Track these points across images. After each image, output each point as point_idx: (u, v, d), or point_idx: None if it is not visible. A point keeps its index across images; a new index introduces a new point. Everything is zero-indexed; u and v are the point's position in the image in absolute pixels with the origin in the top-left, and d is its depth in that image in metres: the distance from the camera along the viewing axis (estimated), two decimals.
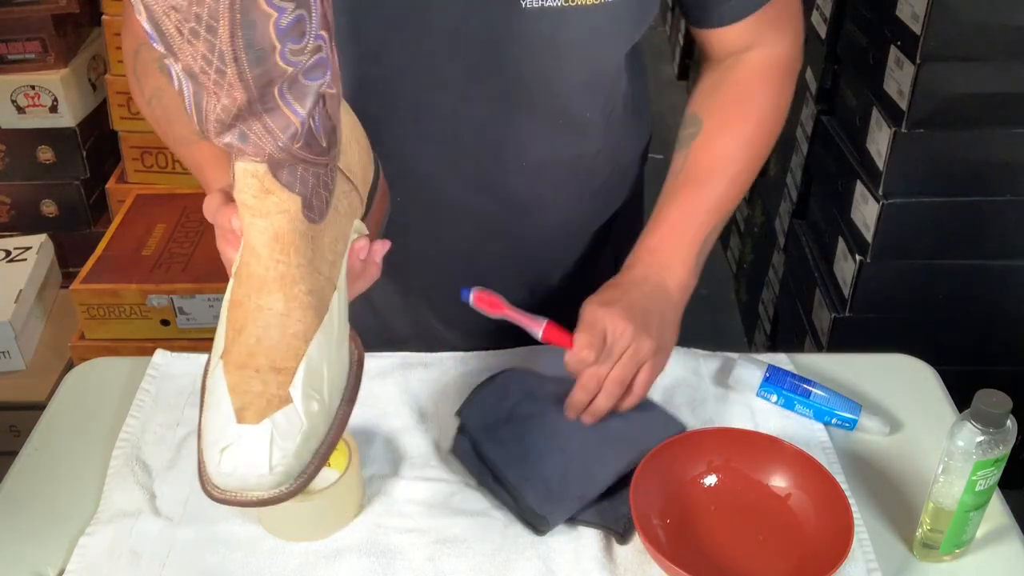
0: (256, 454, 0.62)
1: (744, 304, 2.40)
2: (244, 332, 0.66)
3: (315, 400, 0.65)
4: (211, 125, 0.59)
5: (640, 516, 0.76)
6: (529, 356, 0.96)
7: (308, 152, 0.63)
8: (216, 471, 0.63)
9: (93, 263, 1.80)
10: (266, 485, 0.63)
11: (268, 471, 0.62)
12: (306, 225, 0.66)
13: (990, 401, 0.71)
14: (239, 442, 0.63)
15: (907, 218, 1.54)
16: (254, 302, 0.66)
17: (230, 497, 0.63)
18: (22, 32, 1.92)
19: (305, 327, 0.66)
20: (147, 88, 0.88)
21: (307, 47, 0.58)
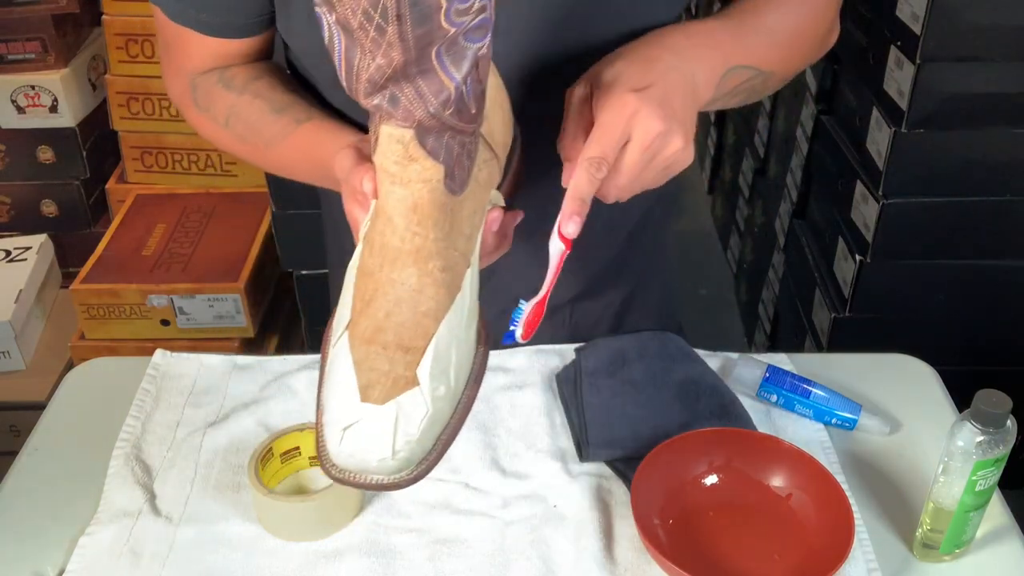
0: (379, 437, 0.60)
1: (744, 304, 2.40)
2: (373, 305, 0.63)
3: (442, 384, 0.62)
4: (361, 85, 0.56)
5: (640, 516, 0.76)
6: (530, 356, 0.97)
7: (458, 119, 0.60)
8: (336, 450, 0.61)
9: (93, 263, 1.80)
10: (387, 470, 0.61)
11: (391, 456, 0.60)
12: (446, 196, 0.62)
13: (990, 401, 0.71)
14: (362, 423, 0.60)
15: (907, 218, 1.54)
16: (386, 274, 0.63)
17: (349, 478, 0.61)
18: (22, 32, 1.92)
19: (437, 305, 0.63)
20: (219, 112, 0.86)
21: (472, 6, 0.54)
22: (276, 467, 0.82)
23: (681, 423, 0.86)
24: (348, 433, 0.61)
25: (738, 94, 0.82)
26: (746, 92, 0.83)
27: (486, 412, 0.91)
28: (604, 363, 0.92)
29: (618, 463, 0.84)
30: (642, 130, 0.68)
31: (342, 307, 0.65)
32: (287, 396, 0.92)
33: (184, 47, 0.86)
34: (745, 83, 0.81)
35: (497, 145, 0.70)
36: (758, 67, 0.81)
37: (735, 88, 0.80)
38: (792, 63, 0.87)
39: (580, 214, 0.68)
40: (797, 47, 0.86)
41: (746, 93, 0.83)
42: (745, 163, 2.46)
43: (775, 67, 0.83)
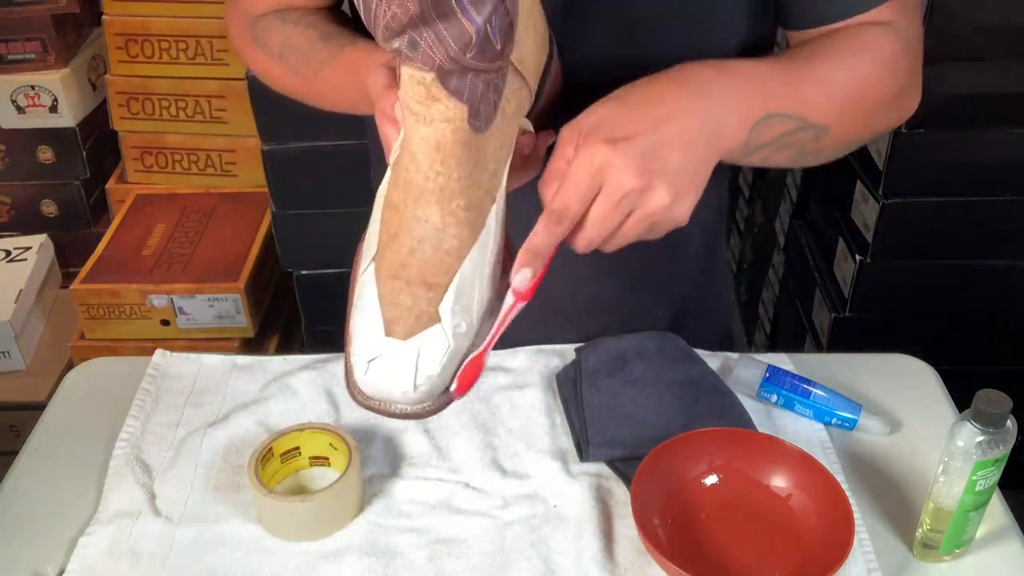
0: (402, 371, 0.63)
1: (744, 304, 2.40)
2: (397, 240, 0.64)
3: (463, 320, 0.64)
4: (379, 31, 0.57)
5: (640, 516, 0.76)
6: (530, 356, 0.97)
7: (480, 60, 0.58)
8: (362, 379, 0.64)
9: (93, 263, 1.80)
10: (409, 400, 0.64)
11: (412, 388, 0.63)
12: (470, 135, 0.62)
13: (990, 401, 0.71)
14: (386, 356, 0.63)
15: (907, 218, 1.54)
16: (410, 211, 0.63)
17: (375, 405, 0.65)
18: (22, 32, 1.92)
19: (460, 244, 0.64)
20: (274, 46, 0.87)
21: None
22: (276, 467, 0.82)
23: (681, 423, 0.86)
24: (373, 365, 0.63)
25: (783, 148, 0.73)
26: (795, 149, 0.74)
27: (486, 412, 0.91)
28: (604, 363, 0.92)
29: (618, 463, 0.84)
30: (612, 185, 0.64)
31: (370, 235, 0.66)
32: (287, 396, 0.92)
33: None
34: (790, 135, 0.72)
35: (528, 71, 0.67)
36: (805, 117, 0.72)
37: (777, 139, 0.72)
38: (853, 122, 0.77)
39: (532, 266, 0.65)
40: (858, 104, 0.76)
41: (795, 149, 0.74)
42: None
43: (829, 121, 0.74)
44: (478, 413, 0.91)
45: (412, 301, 0.63)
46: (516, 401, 0.92)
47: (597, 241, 0.67)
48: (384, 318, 0.63)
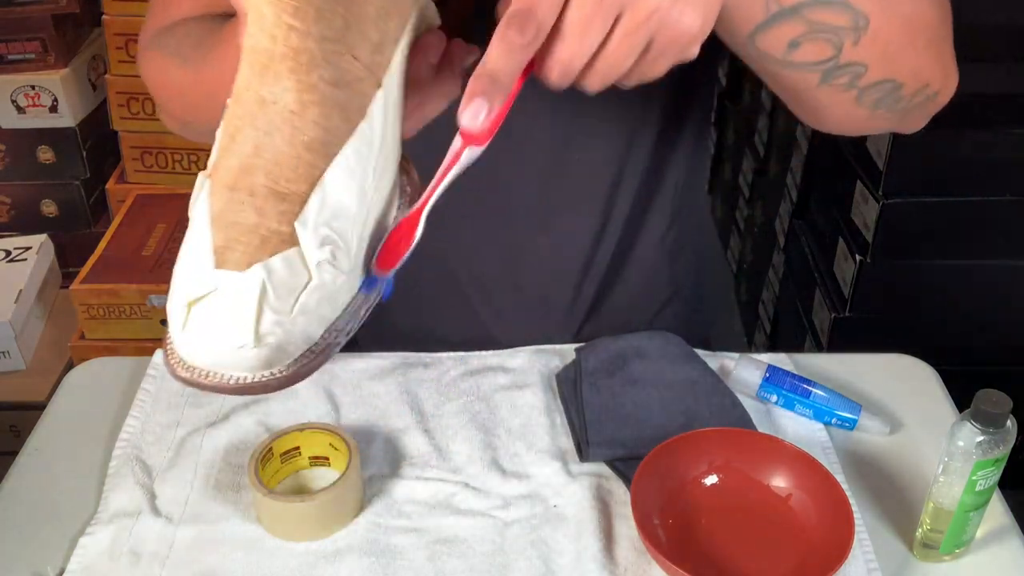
0: (237, 315, 0.45)
1: (744, 304, 2.40)
2: (238, 138, 0.48)
3: (335, 247, 0.48)
4: None
5: (640, 516, 0.76)
6: (530, 356, 0.97)
7: None
8: (180, 338, 0.47)
9: (93, 263, 1.80)
10: (247, 363, 0.46)
11: (252, 341, 0.46)
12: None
13: (990, 401, 0.71)
14: (214, 295, 0.46)
15: (907, 218, 1.54)
16: (254, 92, 0.47)
17: (196, 379, 0.47)
18: (22, 32, 1.92)
19: (326, 134, 0.47)
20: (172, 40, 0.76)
21: None
22: (276, 467, 0.82)
23: (681, 423, 0.86)
24: (195, 311, 0.46)
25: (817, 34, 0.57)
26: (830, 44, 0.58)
27: (486, 412, 0.91)
28: (604, 363, 0.92)
29: (618, 463, 0.84)
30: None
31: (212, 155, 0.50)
32: (287, 396, 0.92)
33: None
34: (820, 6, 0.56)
35: None
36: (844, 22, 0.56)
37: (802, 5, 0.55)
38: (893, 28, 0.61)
39: (487, 96, 0.48)
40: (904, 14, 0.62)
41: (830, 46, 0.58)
42: (745, 163, 2.46)
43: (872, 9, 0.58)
44: (478, 413, 0.91)
45: (257, 218, 0.47)
46: (516, 401, 0.92)
47: (576, 63, 0.49)
48: (215, 245, 0.47)
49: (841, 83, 0.62)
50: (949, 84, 0.71)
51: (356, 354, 0.97)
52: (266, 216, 0.47)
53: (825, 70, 0.60)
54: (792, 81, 0.62)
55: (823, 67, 0.60)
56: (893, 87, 0.65)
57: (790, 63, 0.59)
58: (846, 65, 0.60)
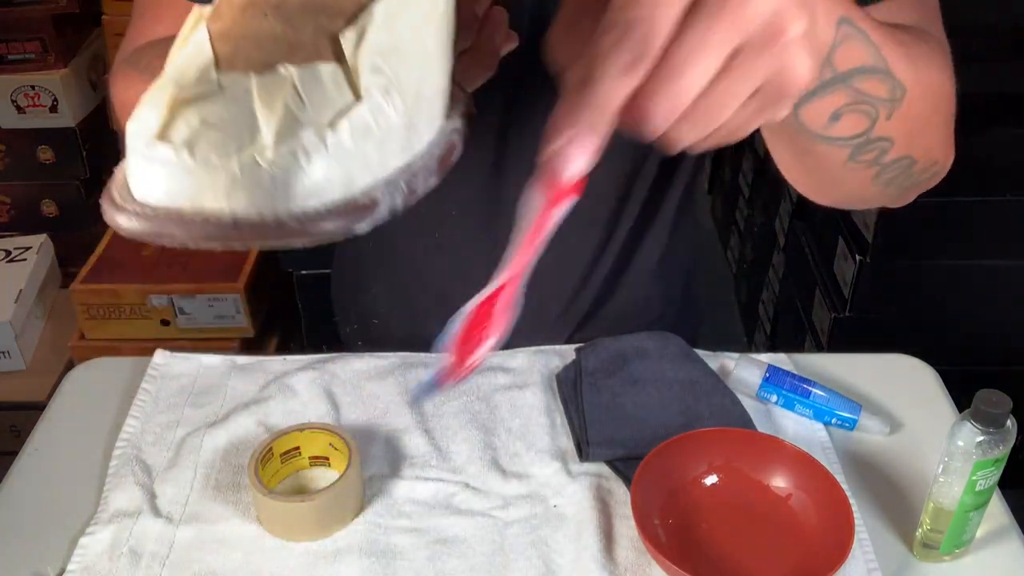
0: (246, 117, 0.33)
1: (744, 304, 2.40)
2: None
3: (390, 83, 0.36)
4: None
5: (640, 516, 0.76)
6: (530, 356, 0.97)
7: None
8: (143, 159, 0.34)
9: (93, 263, 1.80)
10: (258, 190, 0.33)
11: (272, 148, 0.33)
12: None
13: (990, 401, 0.71)
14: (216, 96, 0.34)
15: (907, 218, 1.54)
16: None
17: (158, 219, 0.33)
18: (22, 32, 1.92)
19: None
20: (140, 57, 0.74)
21: None
22: (276, 467, 0.82)
23: (681, 423, 0.86)
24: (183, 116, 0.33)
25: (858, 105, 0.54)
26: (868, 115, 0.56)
27: (486, 412, 0.91)
28: (604, 363, 0.92)
29: (618, 463, 0.84)
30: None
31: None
32: (287, 396, 0.92)
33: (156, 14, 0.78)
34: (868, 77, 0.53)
35: None
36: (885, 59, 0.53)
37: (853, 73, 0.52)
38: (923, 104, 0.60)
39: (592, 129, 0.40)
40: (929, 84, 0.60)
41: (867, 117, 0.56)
42: (745, 163, 2.46)
43: (907, 80, 0.56)
44: (478, 413, 0.91)
45: (283, 27, 0.36)
46: (516, 401, 0.92)
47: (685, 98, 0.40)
48: (219, 54, 0.35)
49: (867, 159, 0.59)
50: (949, 160, 0.70)
51: (356, 354, 0.98)
52: (296, 26, 0.36)
53: (856, 144, 0.58)
54: (819, 157, 0.59)
55: (855, 141, 0.57)
56: (909, 163, 0.63)
57: (827, 137, 0.56)
58: (876, 140, 0.58)
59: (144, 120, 0.34)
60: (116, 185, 0.36)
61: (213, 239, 0.34)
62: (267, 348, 1.90)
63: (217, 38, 0.36)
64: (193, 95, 0.34)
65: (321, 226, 0.34)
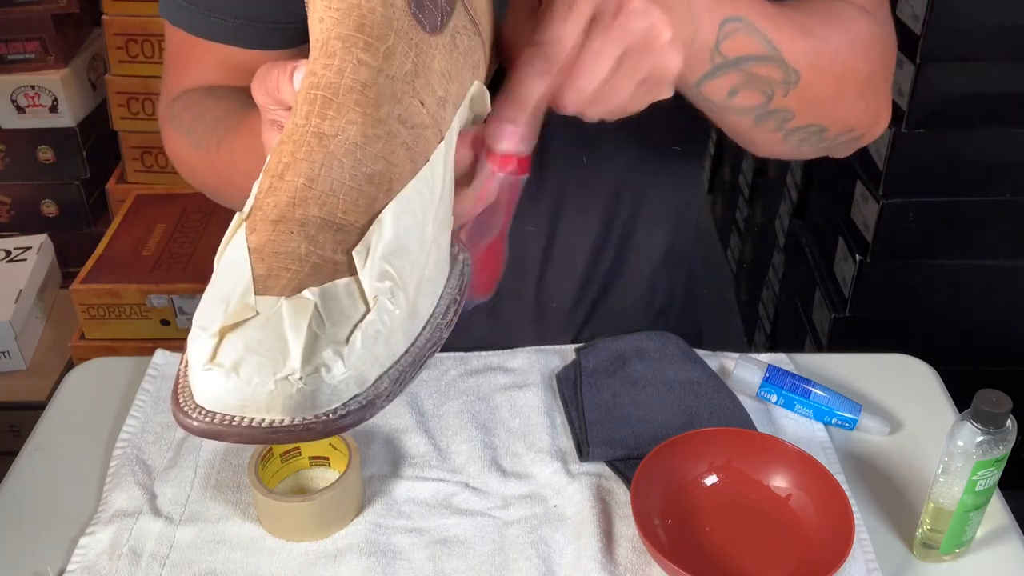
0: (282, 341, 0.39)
1: (744, 304, 2.40)
2: (288, 175, 0.43)
3: (395, 285, 0.42)
4: None
5: (640, 516, 0.76)
6: (530, 356, 0.97)
7: None
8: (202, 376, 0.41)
9: (93, 263, 1.80)
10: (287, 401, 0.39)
11: (300, 370, 0.39)
12: (410, 24, 0.45)
13: (990, 401, 0.71)
14: (255, 320, 0.40)
15: (907, 218, 1.54)
16: (313, 126, 0.43)
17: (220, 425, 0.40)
18: (22, 32, 1.92)
19: (389, 169, 0.44)
20: (186, 118, 0.79)
21: None
22: (276, 467, 0.82)
23: (681, 423, 0.86)
24: (229, 340, 0.40)
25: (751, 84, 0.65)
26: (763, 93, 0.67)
27: (486, 412, 0.91)
28: (604, 363, 0.92)
29: (618, 463, 0.84)
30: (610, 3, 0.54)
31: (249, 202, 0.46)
32: None
33: (191, 62, 0.82)
34: (759, 63, 0.65)
35: (482, 25, 0.53)
36: (778, 48, 0.65)
37: (745, 61, 0.64)
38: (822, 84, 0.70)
39: (516, 123, 0.53)
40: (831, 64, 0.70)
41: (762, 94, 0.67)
42: (745, 163, 2.46)
43: (800, 67, 0.67)
44: (478, 413, 0.91)
45: (308, 246, 0.42)
46: (516, 401, 0.92)
47: (590, 90, 0.55)
48: (255, 274, 0.41)
49: (770, 126, 0.71)
50: (879, 125, 0.78)
51: None
52: (318, 245, 0.42)
53: (757, 115, 0.69)
54: (730, 123, 0.72)
55: (755, 112, 0.69)
56: (818, 130, 0.73)
57: (729, 108, 0.68)
58: (775, 111, 0.69)
59: (201, 345, 0.42)
60: (180, 391, 0.44)
61: (258, 441, 0.41)
62: None
63: (254, 254, 0.43)
64: (236, 321, 0.41)
65: (339, 423, 0.42)
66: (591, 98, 0.56)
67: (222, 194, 0.81)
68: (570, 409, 0.90)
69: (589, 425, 0.87)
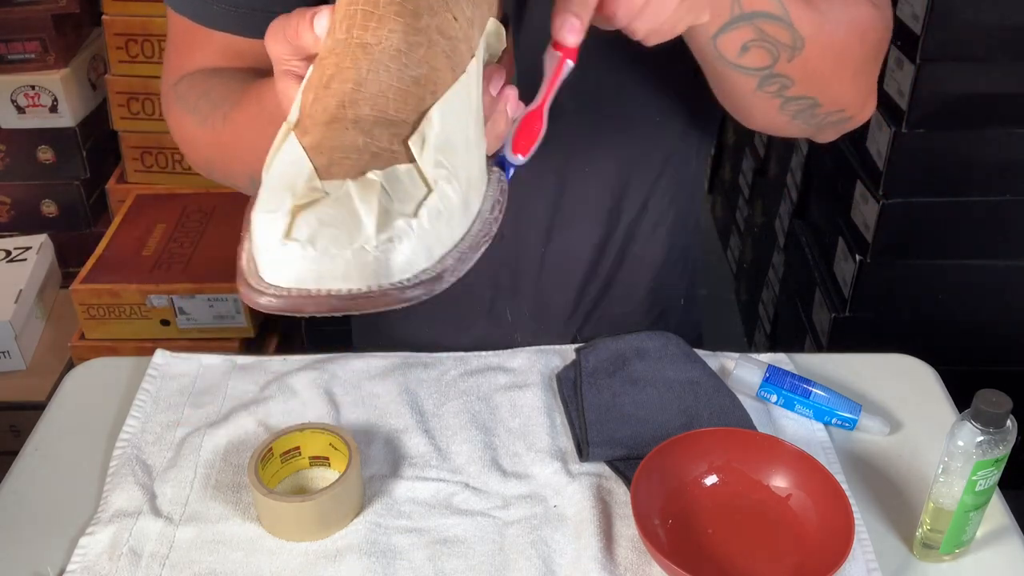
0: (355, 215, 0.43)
1: (744, 304, 2.40)
2: (334, 84, 0.47)
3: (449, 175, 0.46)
4: None
5: (640, 516, 0.76)
6: (530, 356, 0.97)
7: None
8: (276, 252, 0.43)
9: (93, 263, 1.80)
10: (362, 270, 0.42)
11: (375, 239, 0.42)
12: None
13: (990, 401, 0.71)
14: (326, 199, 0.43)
15: (907, 218, 1.54)
16: (355, 38, 0.47)
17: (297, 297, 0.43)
18: (22, 32, 1.92)
19: (432, 72, 0.47)
20: (191, 98, 0.82)
21: None
22: (276, 467, 0.82)
23: (681, 423, 0.86)
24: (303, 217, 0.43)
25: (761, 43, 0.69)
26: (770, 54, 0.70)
27: (486, 412, 0.91)
28: (604, 363, 0.92)
29: (618, 463, 0.84)
30: None
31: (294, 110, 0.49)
32: (287, 396, 0.92)
33: (193, 48, 0.84)
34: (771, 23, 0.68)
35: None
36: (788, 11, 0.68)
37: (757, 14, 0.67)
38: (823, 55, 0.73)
39: (577, 13, 0.57)
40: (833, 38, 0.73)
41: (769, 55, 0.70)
42: (745, 163, 2.46)
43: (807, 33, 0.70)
44: (478, 413, 0.91)
45: (365, 139, 0.45)
46: (516, 401, 0.92)
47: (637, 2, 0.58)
48: (317, 166, 0.45)
49: (771, 90, 0.74)
50: (866, 110, 0.81)
51: (356, 354, 0.98)
52: (374, 137, 0.46)
53: (762, 76, 0.72)
54: (734, 82, 0.74)
55: (761, 73, 0.72)
56: (812, 104, 0.77)
57: (738, 65, 0.71)
58: (778, 75, 0.72)
59: (274, 222, 0.44)
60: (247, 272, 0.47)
61: (336, 310, 0.44)
62: (267, 348, 1.90)
63: (312, 151, 0.46)
64: (306, 201, 0.44)
65: (412, 292, 0.45)
66: (640, 10, 0.59)
67: (225, 169, 0.83)
68: (570, 409, 0.90)
69: (589, 425, 0.86)
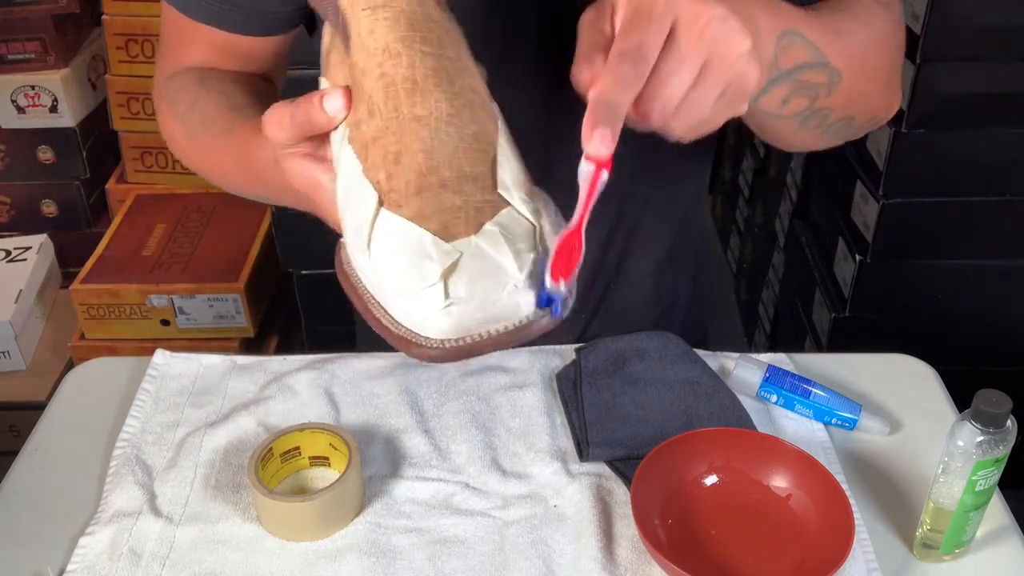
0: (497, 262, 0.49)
1: (744, 304, 2.40)
2: (404, 158, 0.51)
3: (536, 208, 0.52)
4: None
5: (640, 516, 0.76)
6: (530, 356, 0.97)
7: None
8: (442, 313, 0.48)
9: (93, 263, 1.80)
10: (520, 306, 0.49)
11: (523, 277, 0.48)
12: (439, 12, 0.53)
13: (990, 401, 0.71)
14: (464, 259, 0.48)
15: (907, 218, 1.54)
16: (407, 112, 0.51)
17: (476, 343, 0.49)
18: (22, 32, 1.92)
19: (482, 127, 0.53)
20: (181, 105, 0.84)
21: None
22: (276, 467, 0.82)
23: (681, 423, 0.86)
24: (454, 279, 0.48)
25: (800, 91, 0.69)
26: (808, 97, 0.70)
27: (486, 412, 0.91)
28: (604, 363, 0.92)
29: (618, 463, 0.84)
30: (689, 12, 0.54)
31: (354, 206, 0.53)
32: (287, 396, 0.92)
33: (184, 41, 0.85)
34: (808, 70, 0.68)
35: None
36: (822, 52, 0.68)
37: (797, 70, 0.67)
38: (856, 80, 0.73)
39: (609, 124, 0.54)
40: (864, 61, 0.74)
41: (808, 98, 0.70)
42: (745, 163, 2.46)
43: (842, 66, 0.70)
44: (478, 413, 0.91)
45: (462, 197, 0.50)
46: (516, 401, 0.92)
47: (674, 101, 0.56)
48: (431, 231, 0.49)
49: (813, 125, 0.75)
50: (893, 107, 0.82)
51: (356, 354, 0.98)
52: (468, 194, 0.51)
53: (803, 117, 0.73)
54: (777, 129, 0.75)
55: (802, 115, 0.72)
56: (849, 120, 0.77)
57: (780, 116, 0.71)
58: (818, 111, 0.73)
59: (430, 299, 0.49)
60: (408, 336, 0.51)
61: (507, 345, 0.51)
62: (267, 348, 1.90)
63: (416, 221, 0.50)
64: (449, 266, 0.49)
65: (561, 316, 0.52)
66: (676, 110, 0.56)
67: (211, 181, 0.87)
68: (570, 409, 0.90)
69: (589, 425, 0.87)
